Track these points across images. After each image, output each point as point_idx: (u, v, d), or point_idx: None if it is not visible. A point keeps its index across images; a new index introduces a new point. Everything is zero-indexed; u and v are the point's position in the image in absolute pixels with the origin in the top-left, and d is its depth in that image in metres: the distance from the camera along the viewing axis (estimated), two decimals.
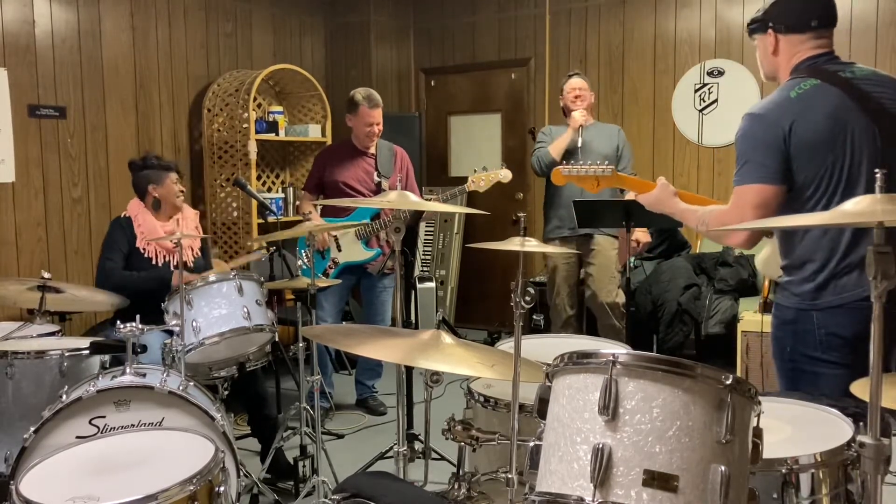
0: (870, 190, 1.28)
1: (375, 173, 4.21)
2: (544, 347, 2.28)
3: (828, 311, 2.02)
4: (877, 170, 1.30)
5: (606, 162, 2.57)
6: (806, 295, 2.05)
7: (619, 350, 1.35)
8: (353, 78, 6.14)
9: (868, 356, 1.95)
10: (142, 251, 3.44)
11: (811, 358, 2.05)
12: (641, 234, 4.44)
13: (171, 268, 3.44)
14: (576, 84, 4.46)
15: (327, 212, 4.20)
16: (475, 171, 4.04)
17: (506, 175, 4.02)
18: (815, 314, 2.03)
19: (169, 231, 3.37)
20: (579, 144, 4.32)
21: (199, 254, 3.61)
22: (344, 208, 4.09)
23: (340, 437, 4.03)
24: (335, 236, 4.16)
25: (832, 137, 2.00)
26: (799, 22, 2.12)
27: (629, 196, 4.24)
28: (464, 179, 4.11)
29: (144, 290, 3.28)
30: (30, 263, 4.37)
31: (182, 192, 3.57)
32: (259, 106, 5.51)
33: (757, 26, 2.22)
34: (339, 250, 4.18)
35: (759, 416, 1.36)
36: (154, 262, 3.45)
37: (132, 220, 3.47)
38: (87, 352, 2.85)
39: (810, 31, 2.11)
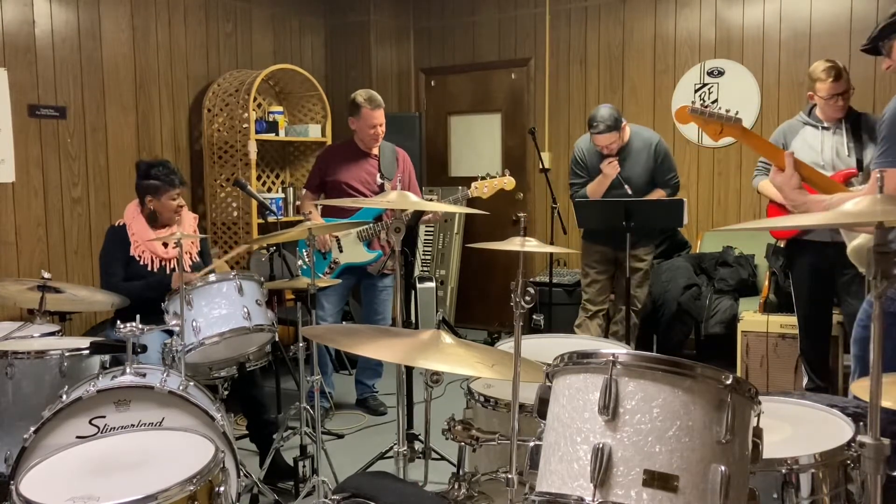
0: None
1: (378, 174, 4.21)
2: (544, 347, 2.29)
3: None
4: (877, 169, 1.30)
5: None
6: None
7: (619, 350, 1.35)
8: (353, 78, 6.14)
9: None
10: (137, 259, 3.43)
11: None
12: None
13: (169, 271, 3.44)
14: (601, 142, 4.11)
15: (330, 212, 4.20)
16: (479, 177, 4.04)
17: (509, 182, 4.02)
18: None
19: (166, 234, 3.36)
20: (630, 193, 4.11)
21: (199, 257, 3.59)
22: (347, 209, 4.09)
23: (340, 437, 4.03)
24: (336, 237, 4.15)
25: None
26: None
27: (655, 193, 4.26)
28: (464, 179, 4.11)
29: (148, 297, 3.26)
30: (30, 263, 4.37)
31: (181, 207, 3.49)
32: (259, 106, 5.51)
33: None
34: (341, 251, 4.18)
35: (759, 416, 1.36)
36: (150, 269, 3.44)
37: (127, 227, 3.46)
38: (87, 352, 2.85)
39: None
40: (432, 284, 5.76)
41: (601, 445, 1.27)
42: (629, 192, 4.13)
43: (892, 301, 2.10)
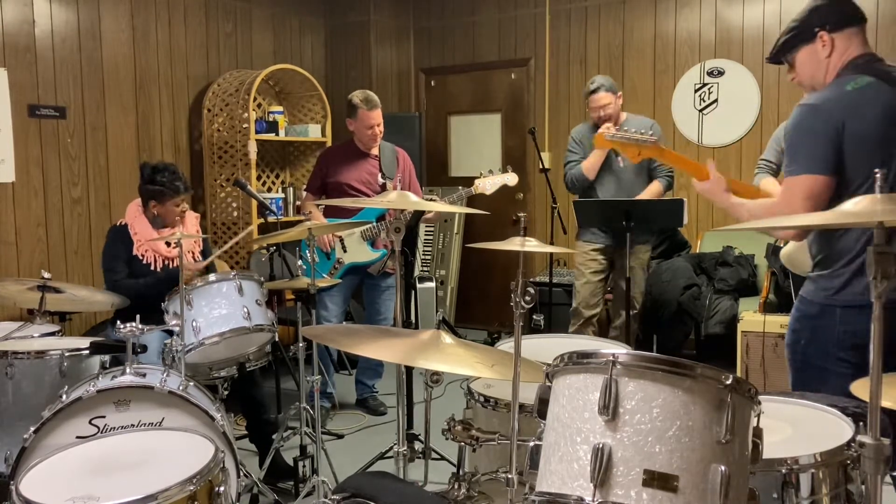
0: None
1: (380, 175, 4.20)
2: (544, 347, 2.28)
3: (852, 309, 2.02)
4: (876, 169, 1.30)
5: (651, 133, 2.58)
6: (835, 290, 2.05)
7: (619, 350, 1.35)
8: (353, 78, 6.14)
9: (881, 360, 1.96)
10: (140, 258, 3.43)
11: (824, 354, 2.06)
12: None
13: (173, 267, 3.44)
14: (599, 102, 4.17)
15: (332, 213, 4.19)
16: (481, 174, 4.03)
17: (512, 179, 4.02)
18: (839, 311, 2.04)
19: (168, 233, 3.36)
20: (622, 165, 4.16)
21: (201, 257, 3.59)
22: (349, 209, 4.09)
23: (340, 437, 4.03)
24: (340, 237, 4.15)
25: (886, 136, 2.00)
26: (851, 14, 2.13)
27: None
28: (464, 179, 4.12)
29: (153, 294, 3.24)
30: (30, 263, 4.37)
31: (183, 212, 3.49)
32: (259, 106, 5.51)
33: (799, 38, 2.19)
34: (345, 251, 4.17)
35: (759, 416, 1.36)
36: (154, 267, 3.44)
37: (129, 227, 3.46)
38: (87, 352, 2.85)
39: (860, 24, 2.13)
40: (432, 284, 5.76)
41: (601, 445, 1.27)
42: (621, 164, 4.14)
43: (811, 304, 2.12)
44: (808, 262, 2.20)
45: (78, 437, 2.30)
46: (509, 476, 1.60)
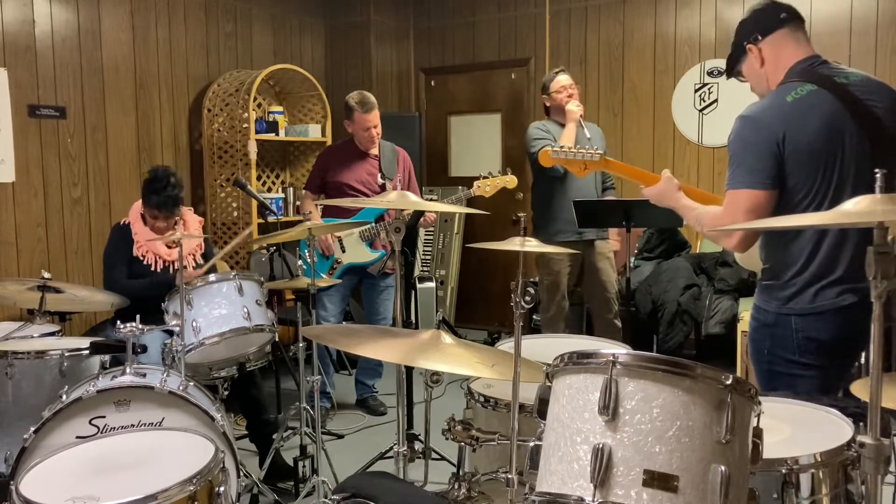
0: (857, 195, 1.28)
1: (379, 175, 4.20)
2: (544, 347, 2.28)
3: (807, 316, 2.03)
4: (877, 169, 1.30)
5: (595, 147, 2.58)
6: (786, 299, 2.06)
7: (619, 350, 1.35)
8: (352, 78, 6.14)
9: (841, 358, 1.98)
10: (141, 258, 3.43)
11: (788, 360, 2.07)
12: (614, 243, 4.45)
13: (172, 272, 3.44)
14: (566, 82, 4.21)
15: (331, 213, 4.19)
16: (481, 175, 4.03)
17: (511, 181, 4.02)
18: (794, 318, 2.05)
19: (168, 234, 3.35)
20: (588, 136, 4.12)
21: (202, 259, 3.59)
22: (348, 210, 4.08)
23: (340, 437, 4.03)
24: (339, 238, 4.15)
25: (827, 145, 1.99)
26: (769, 21, 2.13)
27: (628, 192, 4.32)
28: (464, 179, 4.11)
29: (150, 296, 3.25)
30: (30, 263, 4.37)
31: (161, 227, 3.45)
32: (259, 106, 5.51)
33: (738, 54, 2.22)
34: (343, 251, 4.17)
35: (759, 416, 1.36)
36: (154, 269, 3.44)
37: (131, 226, 3.47)
38: (87, 352, 2.85)
39: (785, 27, 2.12)
40: (432, 284, 5.76)
41: (601, 445, 1.27)
42: (588, 134, 4.13)
43: (766, 313, 2.12)
44: (759, 262, 2.20)
45: (78, 438, 2.30)
46: (509, 476, 1.60)
